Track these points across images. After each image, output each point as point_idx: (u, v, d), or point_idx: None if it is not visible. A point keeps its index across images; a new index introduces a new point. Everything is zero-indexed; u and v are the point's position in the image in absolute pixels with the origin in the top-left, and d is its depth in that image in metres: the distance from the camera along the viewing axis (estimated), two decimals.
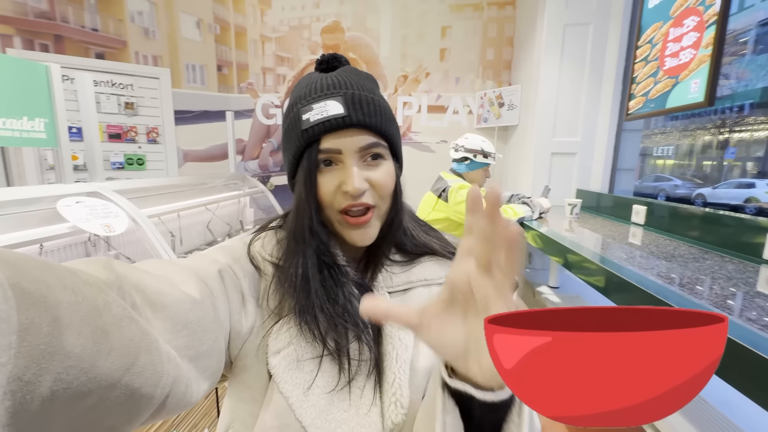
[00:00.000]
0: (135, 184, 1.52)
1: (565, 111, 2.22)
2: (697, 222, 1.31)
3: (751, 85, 7.65)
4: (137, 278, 0.30)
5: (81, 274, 0.24)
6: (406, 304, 0.41)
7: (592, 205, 2.05)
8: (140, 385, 0.24)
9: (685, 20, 1.42)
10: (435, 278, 0.52)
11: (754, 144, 8.91)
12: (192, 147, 2.97)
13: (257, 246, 0.49)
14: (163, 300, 0.31)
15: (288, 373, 0.41)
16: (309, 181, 0.45)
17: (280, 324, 0.44)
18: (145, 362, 0.25)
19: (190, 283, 0.37)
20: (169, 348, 0.29)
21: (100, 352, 0.22)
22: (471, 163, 1.82)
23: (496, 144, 2.82)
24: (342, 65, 0.50)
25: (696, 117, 9.18)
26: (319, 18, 2.91)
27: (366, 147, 0.45)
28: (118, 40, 2.66)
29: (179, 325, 0.31)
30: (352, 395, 0.41)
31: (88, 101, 1.29)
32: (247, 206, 2.39)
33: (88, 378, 0.21)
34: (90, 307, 0.22)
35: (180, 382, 0.29)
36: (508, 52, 2.84)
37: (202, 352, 0.34)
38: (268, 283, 0.46)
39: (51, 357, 0.19)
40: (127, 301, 0.27)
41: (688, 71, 1.39)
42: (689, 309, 0.20)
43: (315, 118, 0.43)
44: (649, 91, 1.63)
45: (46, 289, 0.20)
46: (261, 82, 3.00)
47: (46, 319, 0.19)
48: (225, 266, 0.44)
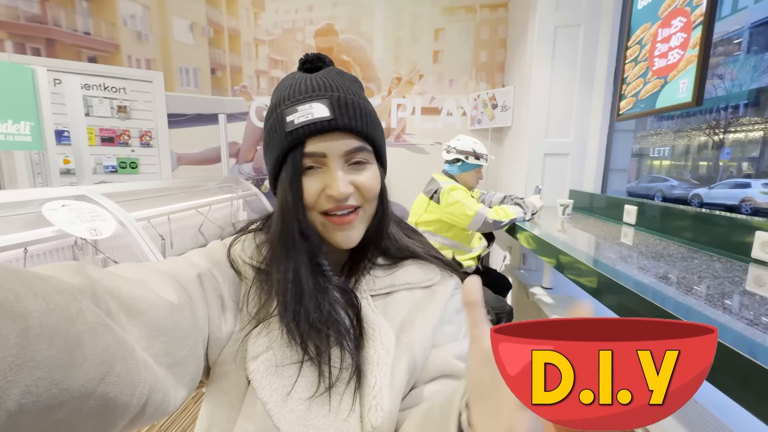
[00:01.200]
0: (125, 187, 1.51)
1: (558, 112, 2.22)
2: (687, 222, 1.31)
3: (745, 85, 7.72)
4: (112, 283, 0.30)
5: (52, 281, 0.23)
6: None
7: (585, 206, 2.05)
8: (116, 394, 0.24)
9: (672, 21, 1.43)
10: (417, 282, 0.52)
11: (749, 144, 8.97)
12: (186, 150, 2.96)
13: (237, 249, 0.49)
14: (139, 306, 0.30)
15: (266, 378, 0.40)
16: (295, 184, 0.44)
17: (260, 328, 0.43)
18: (120, 371, 0.24)
19: (168, 288, 0.36)
20: (145, 355, 0.28)
21: (73, 362, 0.21)
22: (463, 165, 1.82)
23: (489, 145, 2.82)
24: (326, 66, 0.49)
25: (691, 117, 9.26)
26: (313, 21, 2.92)
27: (351, 151, 0.44)
28: (110, 44, 2.66)
29: (156, 332, 0.31)
30: (331, 401, 0.41)
31: (75, 104, 1.28)
32: (240, 209, 2.39)
33: (60, 389, 0.20)
34: (62, 316, 0.21)
35: (157, 390, 0.28)
36: (501, 54, 2.85)
37: (180, 359, 0.33)
38: (248, 287, 0.46)
39: (19, 369, 0.18)
40: (102, 307, 0.27)
41: (677, 71, 1.39)
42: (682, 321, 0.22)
43: (300, 120, 0.42)
44: (639, 91, 1.64)
45: (14, 297, 0.19)
46: (255, 85, 3.00)
47: (14, 329, 0.18)
48: (204, 270, 0.43)
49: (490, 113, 2.75)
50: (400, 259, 0.53)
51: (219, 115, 2.42)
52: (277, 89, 0.48)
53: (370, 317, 0.46)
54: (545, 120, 2.24)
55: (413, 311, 0.49)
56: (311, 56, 0.49)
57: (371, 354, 0.43)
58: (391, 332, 0.45)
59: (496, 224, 1.69)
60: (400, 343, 0.45)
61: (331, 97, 0.43)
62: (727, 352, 0.53)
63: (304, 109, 0.43)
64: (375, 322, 0.46)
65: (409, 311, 0.49)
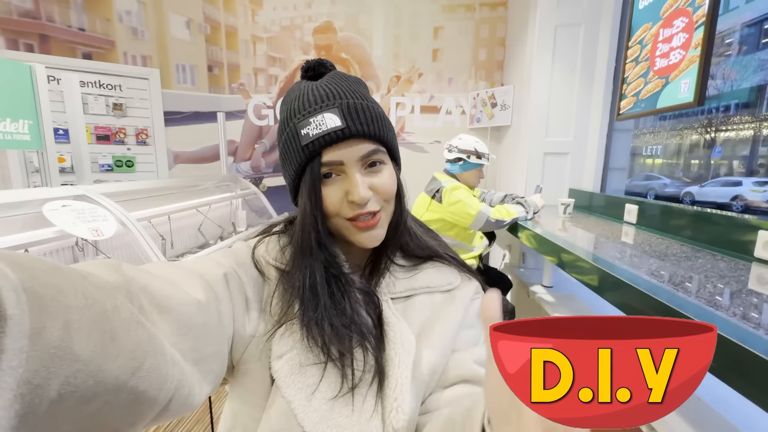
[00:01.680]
0: (124, 186, 1.49)
1: (557, 111, 2.23)
2: (689, 221, 1.33)
3: (736, 85, 7.82)
4: (145, 281, 0.31)
5: (91, 278, 0.24)
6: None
7: (585, 205, 2.06)
8: (145, 388, 0.25)
9: (674, 21, 1.44)
10: (437, 286, 0.52)
11: (739, 143, 9.12)
12: (183, 148, 2.93)
13: (261, 250, 0.50)
14: (169, 303, 0.31)
15: (291, 377, 0.41)
16: (314, 194, 0.45)
17: (284, 328, 0.44)
18: (150, 366, 0.25)
19: (196, 287, 0.37)
20: (173, 351, 0.29)
21: (108, 355, 0.22)
22: (465, 164, 1.82)
23: (489, 144, 2.83)
24: (328, 71, 0.50)
25: (684, 116, 9.37)
26: (311, 18, 2.89)
27: (367, 155, 0.45)
28: (105, 40, 2.61)
29: (185, 328, 0.32)
30: (354, 401, 0.41)
31: (74, 102, 1.26)
32: (239, 208, 2.37)
33: (96, 381, 0.21)
34: (99, 311, 0.22)
35: (183, 385, 0.29)
36: (500, 53, 2.85)
37: (206, 356, 0.34)
38: (271, 288, 0.47)
39: (60, 361, 0.19)
40: (135, 304, 0.28)
41: (678, 71, 1.40)
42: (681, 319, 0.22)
43: (314, 133, 0.43)
44: (640, 91, 1.65)
45: (57, 293, 0.20)
46: (252, 83, 2.97)
47: (58, 323, 0.19)
48: (230, 270, 0.44)
49: (489, 112, 2.76)
50: (419, 259, 0.54)
51: (218, 113, 2.39)
52: (285, 102, 0.49)
53: (392, 320, 0.47)
54: (545, 119, 2.24)
55: (433, 315, 0.50)
56: (313, 63, 0.50)
57: (392, 356, 0.44)
58: (411, 335, 0.46)
59: (499, 223, 1.69)
60: (421, 347, 0.46)
61: (341, 105, 0.44)
62: (739, 351, 0.54)
63: (317, 120, 0.43)
64: (396, 325, 0.46)
65: (429, 315, 0.50)
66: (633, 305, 0.81)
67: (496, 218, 1.68)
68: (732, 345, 0.55)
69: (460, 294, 0.52)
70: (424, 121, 2.97)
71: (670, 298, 0.73)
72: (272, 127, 3.02)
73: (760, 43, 5.66)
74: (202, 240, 1.94)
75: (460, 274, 0.54)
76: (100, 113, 2.58)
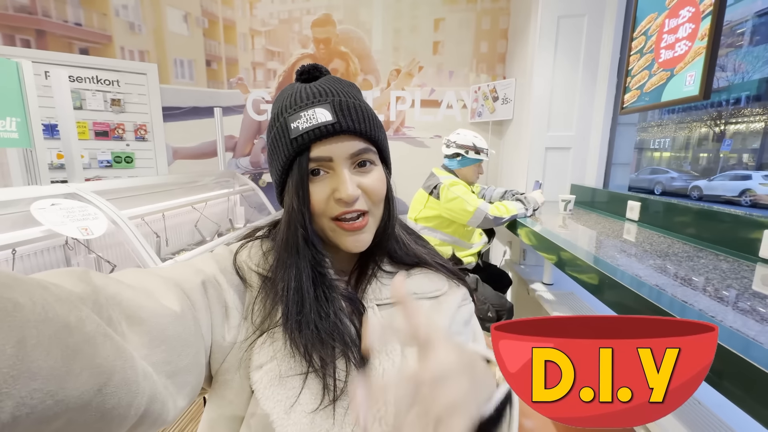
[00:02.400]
0: (118, 184, 1.48)
1: (560, 105, 2.18)
2: (692, 218, 1.29)
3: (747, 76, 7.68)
4: (114, 290, 0.29)
5: (53, 289, 0.23)
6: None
7: (587, 201, 2.02)
8: (113, 405, 0.23)
9: (680, 11, 1.38)
10: (424, 292, 0.51)
11: (750, 136, 8.94)
12: (182, 144, 2.92)
13: (243, 255, 0.48)
14: (141, 314, 0.30)
15: (270, 389, 0.40)
16: (301, 190, 0.44)
17: (264, 338, 0.42)
18: (118, 381, 0.24)
19: (171, 296, 0.36)
20: (145, 365, 0.28)
21: (70, 373, 0.20)
22: (463, 159, 1.79)
23: (490, 139, 2.78)
24: (323, 75, 0.50)
25: (693, 109, 9.22)
26: (310, 11, 2.85)
27: (356, 153, 0.45)
28: (102, 35, 2.59)
29: (157, 340, 0.31)
30: (336, 414, 0.40)
31: (64, 98, 1.24)
32: (237, 204, 2.36)
33: (55, 401, 0.20)
34: (61, 325, 0.21)
35: (156, 400, 0.28)
36: (502, 45, 2.79)
37: (181, 368, 0.33)
38: (253, 295, 0.45)
39: (14, 381, 0.18)
40: (103, 315, 0.27)
41: (684, 64, 1.35)
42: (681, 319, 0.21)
43: (304, 126, 0.43)
44: (644, 84, 1.60)
45: (12, 307, 0.19)
46: (251, 77, 2.94)
47: (11, 340, 0.18)
48: (210, 276, 0.43)
49: (490, 106, 2.71)
50: (407, 266, 0.53)
51: (215, 108, 2.37)
52: (277, 100, 0.49)
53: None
54: (547, 113, 2.19)
55: None
56: (308, 66, 0.50)
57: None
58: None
59: (497, 220, 1.66)
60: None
61: (333, 101, 0.44)
62: (734, 360, 0.51)
63: (308, 114, 0.43)
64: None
65: None
66: (630, 307, 0.79)
67: (494, 215, 1.65)
68: (726, 352, 0.52)
69: (448, 300, 0.51)
70: (424, 116, 2.93)
71: (669, 303, 0.70)
72: None
73: None
74: (199, 237, 1.93)
75: (448, 281, 0.53)
76: (99, 109, 2.57)
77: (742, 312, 0.68)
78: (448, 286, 0.53)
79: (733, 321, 0.63)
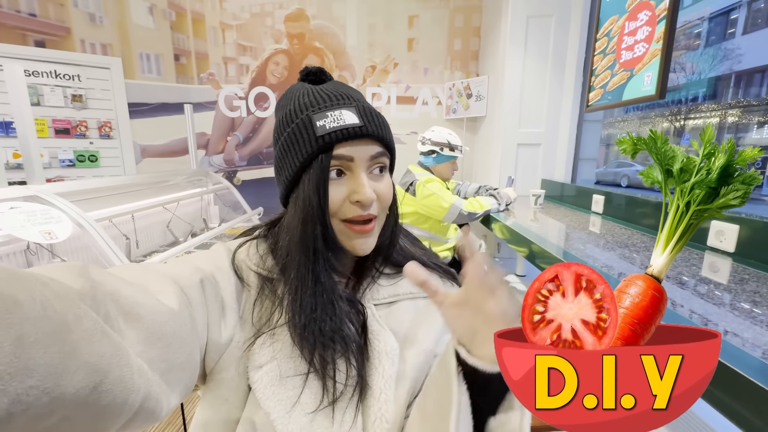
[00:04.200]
0: (82, 185, 1.42)
1: (530, 102, 2.25)
2: (650, 210, 1.37)
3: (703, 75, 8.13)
4: (113, 287, 0.30)
5: (52, 285, 0.23)
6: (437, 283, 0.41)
7: (556, 195, 2.11)
8: (108, 402, 0.24)
9: (639, 14, 1.46)
10: (420, 291, 0.52)
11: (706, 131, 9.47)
12: (150, 142, 2.81)
13: (242, 255, 0.48)
14: (139, 310, 0.30)
15: (270, 389, 0.41)
16: (322, 187, 0.44)
17: (264, 338, 0.43)
18: (114, 379, 0.24)
19: (169, 293, 0.36)
20: (140, 361, 0.28)
21: (67, 370, 0.21)
22: (438, 156, 1.82)
23: (464, 135, 2.84)
24: (328, 79, 0.51)
25: (656, 105, 9.70)
26: (282, 5, 2.79)
27: (376, 156, 0.46)
28: (60, 27, 2.45)
29: (153, 337, 0.31)
30: (335, 414, 0.41)
31: (20, 94, 1.18)
32: (211, 204, 2.30)
33: (51, 398, 0.20)
34: (59, 323, 0.21)
35: (150, 397, 0.28)
36: (475, 43, 2.84)
37: (176, 365, 0.33)
38: (251, 295, 0.46)
39: (11, 378, 0.18)
40: (101, 311, 0.27)
41: (642, 64, 1.43)
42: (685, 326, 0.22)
43: (331, 126, 0.43)
44: (607, 83, 1.68)
45: (12, 304, 0.19)
46: (223, 73, 2.87)
47: (9, 337, 0.18)
48: (208, 275, 0.43)
49: (464, 103, 2.76)
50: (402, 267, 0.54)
51: (185, 104, 2.29)
52: (287, 98, 0.49)
53: (375, 328, 0.47)
54: (518, 110, 2.26)
55: (416, 321, 0.50)
56: (314, 69, 0.50)
57: (376, 365, 0.44)
58: (395, 343, 0.46)
59: (471, 216, 1.71)
60: (404, 353, 0.47)
61: (358, 106, 0.45)
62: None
63: (334, 115, 0.44)
64: (380, 333, 0.46)
65: (413, 321, 0.50)
66: None
67: (468, 211, 1.69)
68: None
69: None
70: (400, 112, 2.95)
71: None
72: (245, 119, 2.93)
73: (726, 33, 5.93)
74: (172, 238, 1.88)
75: (443, 281, 0.55)
76: (58, 105, 2.43)
77: (699, 295, 0.74)
78: (442, 285, 0.54)
79: (684, 302, 0.69)
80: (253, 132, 2.96)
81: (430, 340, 0.49)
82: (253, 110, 2.92)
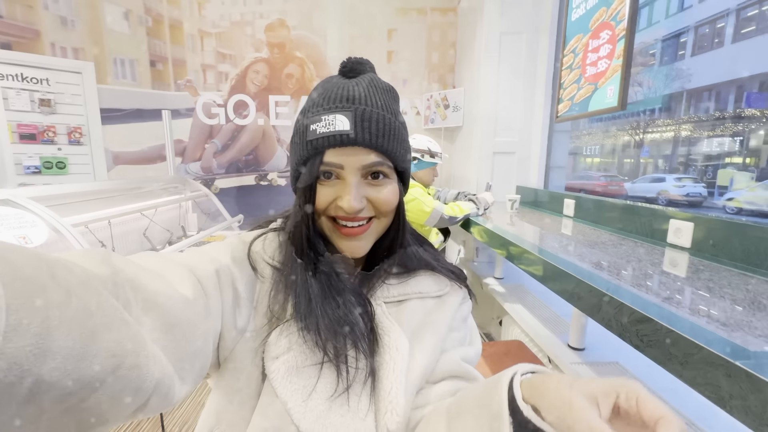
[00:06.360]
0: (56, 190, 1.37)
1: (505, 113, 2.37)
2: (616, 213, 1.48)
3: (659, 91, 8.72)
4: (133, 274, 0.30)
5: (76, 270, 0.23)
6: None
7: (530, 200, 2.22)
8: (123, 387, 0.24)
9: (601, 33, 1.59)
10: (429, 291, 0.54)
11: (663, 143, 10.19)
12: (124, 148, 2.73)
13: (257, 247, 0.49)
14: (157, 298, 0.31)
15: (287, 378, 0.41)
16: (308, 191, 0.46)
17: (280, 329, 0.44)
18: (131, 364, 0.24)
19: (185, 282, 0.37)
20: (156, 348, 0.29)
21: (86, 354, 0.21)
22: (419, 163, 1.88)
23: (443, 144, 2.93)
24: (367, 71, 0.50)
25: (617, 118, 10.28)
26: (263, 15, 2.82)
27: (369, 165, 0.45)
28: (28, 29, 2.37)
29: (168, 325, 0.31)
30: (350, 401, 0.42)
31: None
32: (189, 211, 2.25)
33: (72, 380, 0.20)
34: (82, 308, 0.22)
35: (163, 384, 0.29)
36: (451, 56, 2.96)
37: (190, 353, 0.34)
38: (265, 286, 0.46)
39: (35, 359, 0.18)
40: (121, 298, 0.27)
41: (605, 79, 1.56)
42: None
43: (321, 131, 0.44)
44: (574, 95, 1.81)
45: (39, 288, 0.19)
46: (201, 80, 2.84)
47: (36, 320, 0.18)
48: (224, 266, 0.44)
49: (442, 113, 2.86)
50: (413, 269, 0.55)
51: (163, 111, 2.26)
52: (314, 90, 0.49)
53: (385, 324, 0.48)
54: (493, 120, 2.37)
55: (425, 319, 0.52)
56: (352, 60, 0.49)
57: (387, 360, 0.45)
58: (405, 340, 0.47)
59: (452, 220, 1.77)
60: (413, 350, 0.47)
61: (356, 110, 0.44)
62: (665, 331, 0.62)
63: (328, 119, 0.44)
64: (390, 329, 0.47)
65: (421, 319, 0.51)
66: (570, 291, 0.90)
67: (449, 215, 1.75)
68: (643, 316, 0.64)
69: (450, 299, 0.54)
70: None
71: (603, 284, 0.82)
72: (224, 127, 2.91)
73: (677, 54, 6.45)
74: (149, 245, 1.83)
75: (451, 282, 0.56)
76: (24, 109, 2.33)
77: (660, 285, 0.81)
78: (450, 286, 0.56)
79: (649, 291, 0.76)
80: (232, 140, 2.94)
81: (437, 338, 0.50)
82: (232, 118, 2.90)
